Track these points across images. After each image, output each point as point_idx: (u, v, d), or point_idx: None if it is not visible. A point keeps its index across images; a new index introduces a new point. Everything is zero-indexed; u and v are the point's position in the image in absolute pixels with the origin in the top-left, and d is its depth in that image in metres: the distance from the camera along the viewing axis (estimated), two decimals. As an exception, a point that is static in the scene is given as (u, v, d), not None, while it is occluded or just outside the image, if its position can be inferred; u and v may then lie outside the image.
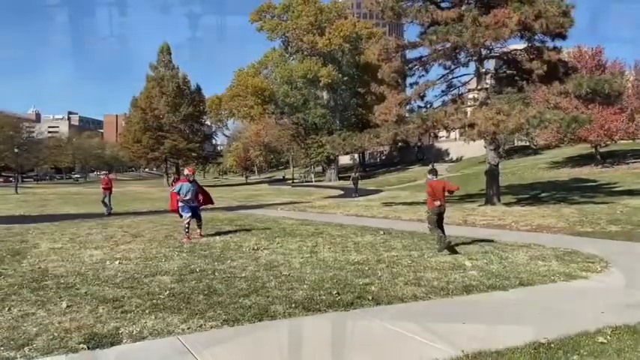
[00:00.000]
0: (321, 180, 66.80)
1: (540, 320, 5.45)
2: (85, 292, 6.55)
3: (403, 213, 18.74)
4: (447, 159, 71.34)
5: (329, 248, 9.93)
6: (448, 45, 19.63)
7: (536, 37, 19.80)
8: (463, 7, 19.16)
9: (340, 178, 64.78)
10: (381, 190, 38.87)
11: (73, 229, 14.46)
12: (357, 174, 39.60)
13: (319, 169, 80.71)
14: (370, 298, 6.24)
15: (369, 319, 5.55)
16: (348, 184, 53.89)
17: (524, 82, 20.02)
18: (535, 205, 20.36)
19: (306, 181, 68.64)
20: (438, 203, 9.62)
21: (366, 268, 7.96)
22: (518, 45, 21.74)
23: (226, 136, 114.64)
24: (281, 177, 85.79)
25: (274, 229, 13.68)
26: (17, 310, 5.77)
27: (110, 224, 15.64)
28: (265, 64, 67.67)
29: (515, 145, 61.43)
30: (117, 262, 8.52)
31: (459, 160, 69.54)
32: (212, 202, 13.16)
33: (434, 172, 10.21)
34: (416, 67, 21.30)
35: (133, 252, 9.72)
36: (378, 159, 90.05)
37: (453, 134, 72.25)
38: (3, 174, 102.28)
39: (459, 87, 21.85)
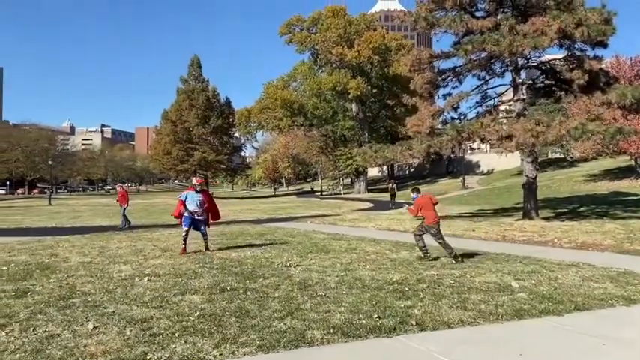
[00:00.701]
0: (350, 192, 66.26)
1: (606, 353, 4.92)
2: (113, 312, 6.26)
3: (437, 227, 18.14)
4: (477, 171, 70.09)
5: (364, 265, 9.49)
6: (484, 55, 19.12)
7: (575, 46, 19.11)
8: (499, 16, 18.61)
9: (369, 191, 64.20)
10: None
11: (103, 241, 14.36)
12: (393, 185, 39.33)
13: (347, 181, 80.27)
14: (414, 322, 5.78)
15: (414, 347, 5.10)
16: (378, 196, 53.31)
17: (563, 92, 19.32)
18: (576, 220, 19.49)
19: (335, 194, 68.18)
20: (437, 218, 10.40)
21: (407, 289, 7.49)
22: (556, 55, 21.06)
23: (255, 148, 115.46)
24: (309, 189, 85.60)
25: (306, 243, 13.30)
26: (42, 330, 5.51)
27: (140, 237, 15.51)
28: (294, 76, 67.94)
29: (549, 157, 59.90)
30: (146, 279, 8.25)
31: (489, 172, 68.27)
32: (218, 217, 12.82)
33: (418, 190, 11.10)
34: (449, 77, 20.79)
35: (162, 267, 9.46)
36: (407, 171, 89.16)
37: (483, 146, 71.14)
38: (38, 185, 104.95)
39: (493, 98, 21.24)
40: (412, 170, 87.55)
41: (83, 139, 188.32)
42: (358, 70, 59.70)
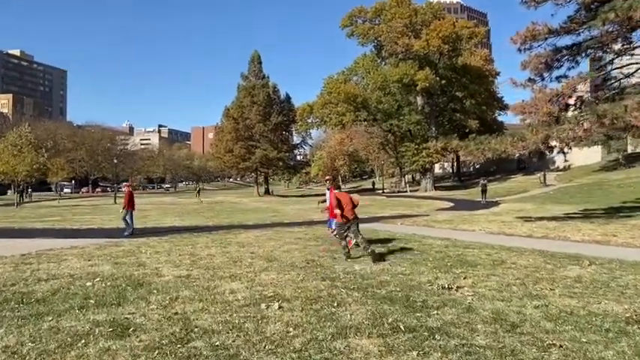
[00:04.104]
0: (416, 190, 63.23)
1: None
2: (262, 369, 4.21)
3: (561, 231, 15.45)
4: (552, 167, 65.50)
5: (551, 289, 7.07)
6: (610, 28, 16.25)
7: None
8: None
9: (436, 188, 61.01)
10: (495, 202, 35.05)
11: (188, 246, 12.61)
12: (484, 181, 39.52)
13: (408, 177, 77.20)
14: None
15: None
16: (449, 194, 50.32)
17: None
18: None
19: (399, 191, 65.33)
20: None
21: (663, 332, 5.09)
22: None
23: (309, 145, 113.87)
24: (370, 186, 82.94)
25: (431, 253, 10.98)
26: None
27: (227, 241, 13.68)
28: (355, 70, 65.49)
29: (636, 151, 55.07)
30: (276, 306, 6.18)
31: (566, 169, 63.76)
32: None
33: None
34: (565, 57, 17.95)
35: (282, 287, 7.40)
36: (472, 168, 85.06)
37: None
38: (100, 184, 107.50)
39: (619, 80, 18.25)
40: (477, 167, 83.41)
41: (141, 139, 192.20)
42: (425, 61, 56.54)
